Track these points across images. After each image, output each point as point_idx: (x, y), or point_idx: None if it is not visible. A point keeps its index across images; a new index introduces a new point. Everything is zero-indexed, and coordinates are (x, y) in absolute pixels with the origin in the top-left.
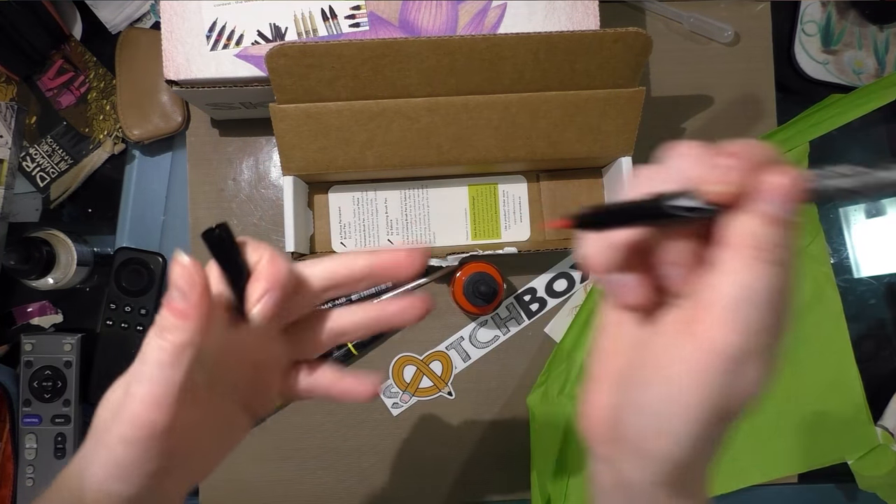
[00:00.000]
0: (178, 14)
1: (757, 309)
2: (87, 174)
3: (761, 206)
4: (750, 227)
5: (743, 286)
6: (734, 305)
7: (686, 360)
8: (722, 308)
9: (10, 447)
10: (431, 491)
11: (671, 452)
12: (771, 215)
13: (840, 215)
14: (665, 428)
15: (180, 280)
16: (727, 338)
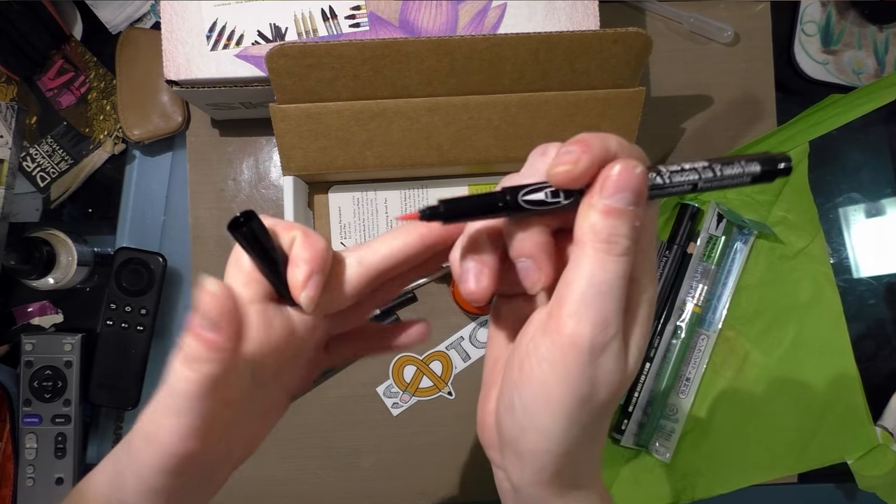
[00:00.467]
0: (179, 14)
1: (605, 299)
2: (87, 174)
3: (597, 198)
4: (590, 221)
5: (588, 279)
6: (582, 298)
7: (546, 356)
8: (571, 301)
9: (11, 447)
10: (431, 491)
11: (544, 449)
12: (607, 207)
13: (840, 215)
14: (534, 425)
15: (211, 309)
16: (579, 330)
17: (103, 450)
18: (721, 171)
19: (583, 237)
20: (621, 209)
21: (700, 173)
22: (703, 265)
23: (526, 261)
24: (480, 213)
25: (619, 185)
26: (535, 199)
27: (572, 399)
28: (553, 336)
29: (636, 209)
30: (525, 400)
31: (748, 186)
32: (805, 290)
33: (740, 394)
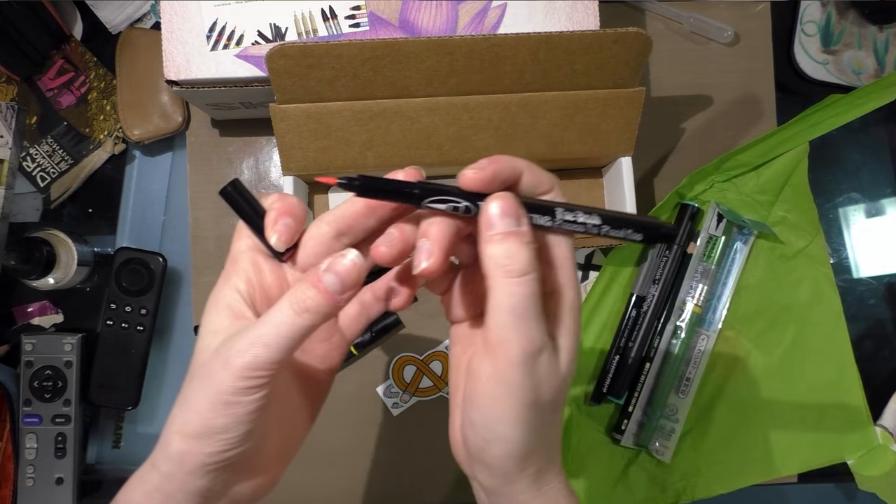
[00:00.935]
0: (179, 14)
1: (522, 318)
2: (87, 174)
3: (486, 231)
4: (486, 252)
5: (501, 304)
6: (503, 322)
7: (490, 375)
8: (495, 326)
9: (11, 447)
10: (431, 491)
11: (507, 454)
12: (494, 235)
13: (840, 215)
14: (495, 435)
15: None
16: (509, 349)
17: (103, 450)
18: (607, 232)
19: (486, 268)
20: (506, 233)
21: (587, 228)
22: (703, 265)
23: (425, 242)
24: (390, 195)
25: (501, 212)
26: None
27: (521, 407)
28: (491, 357)
29: (520, 230)
30: (482, 415)
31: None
32: (805, 290)
33: (740, 394)
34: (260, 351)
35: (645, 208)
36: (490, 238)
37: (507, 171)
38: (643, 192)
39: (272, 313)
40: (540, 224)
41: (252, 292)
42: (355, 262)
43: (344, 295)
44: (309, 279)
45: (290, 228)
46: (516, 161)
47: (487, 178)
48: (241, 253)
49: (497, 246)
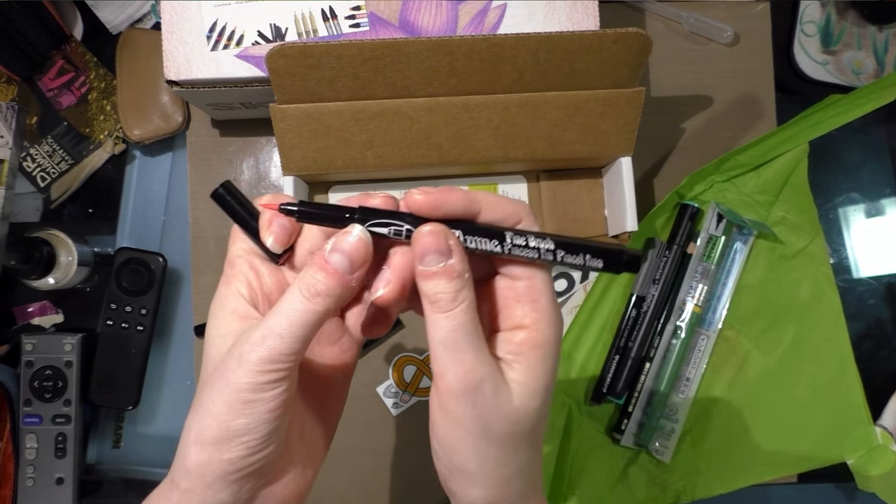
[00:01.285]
0: (179, 14)
1: (454, 350)
2: (87, 174)
3: (415, 260)
4: (418, 282)
5: (433, 336)
6: (437, 354)
7: (437, 405)
8: (433, 358)
9: (11, 447)
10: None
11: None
12: (421, 271)
13: (840, 215)
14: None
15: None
16: (447, 381)
17: (103, 450)
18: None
19: (423, 301)
20: (432, 271)
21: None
22: (703, 265)
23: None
24: (330, 220)
25: (425, 248)
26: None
27: (470, 438)
28: (435, 388)
29: (447, 267)
30: (440, 444)
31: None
32: (805, 290)
33: (740, 394)
34: (274, 342)
35: (645, 208)
36: (419, 272)
37: (455, 204)
38: (643, 192)
39: (283, 303)
40: (488, 250)
41: (254, 296)
42: (361, 237)
43: (354, 274)
44: (316, 262)
45: (285, 230)
46: (474, 195)
47: (429, 205)
48: (238, 257)
49: (425, 282)
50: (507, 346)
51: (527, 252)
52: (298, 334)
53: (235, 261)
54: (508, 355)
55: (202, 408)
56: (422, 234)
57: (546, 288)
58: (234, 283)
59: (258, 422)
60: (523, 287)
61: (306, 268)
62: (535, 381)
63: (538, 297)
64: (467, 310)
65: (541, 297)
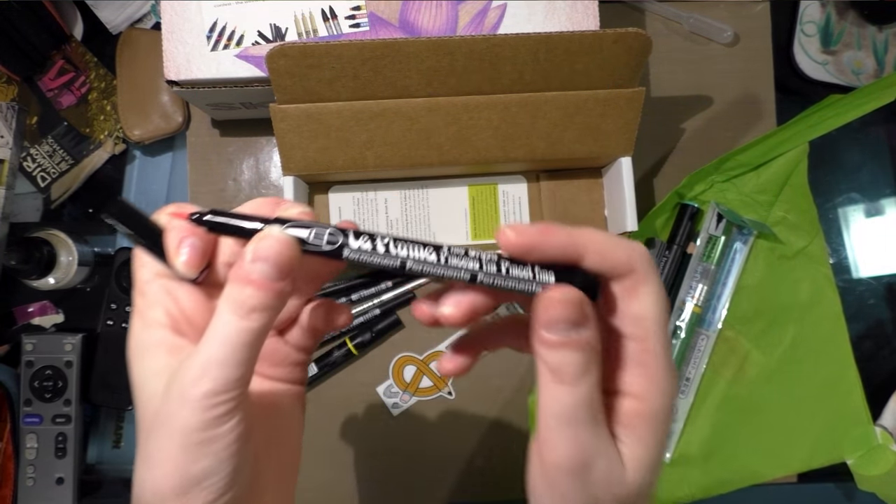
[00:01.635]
0: (179, 14)
1: (570, 425)
2: (87, 174)
3: (539, 328)
4: (536, 346)
5: (548, 408)
6: (549, 426)
7: (541, 478)
8: (543, 429)
9: (11, 447)
10: (431, 491)
11: None
12: (547, 339)
13: (839, 215)
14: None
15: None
16: (556, 456)
17: (104, 450)
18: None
19: (536, 363)
20: (560, 341)
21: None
22: (703, 265)
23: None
24: (245, 233)
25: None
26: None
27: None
28: (541, 461)
29: (579, 338)
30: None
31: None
32: (805, 290)
33: (740, 394)
34: (217, 372)
35: (645, 208)
36: (542, 338)
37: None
38: (643, 192)
39: (215, 326)
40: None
41: (176, 323)
42: (279, 238)
43: (284, 281)
44: (239, 275)
45: (197, 250)
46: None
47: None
48: (148, 283)
49: (550, 351)
50: (613, 414)
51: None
52: (241, 358)
53: (146, 288)
54: (617, 427)
55: (152, 459)
56: (552, 300)
57: (661, 349)
58: (149, 314)
59: (219, 461)
60: (634, 348)
61: (230, 283)
62: (646, 455)
63: (650, 360)
64: (593, 385)
65: (653, 362)
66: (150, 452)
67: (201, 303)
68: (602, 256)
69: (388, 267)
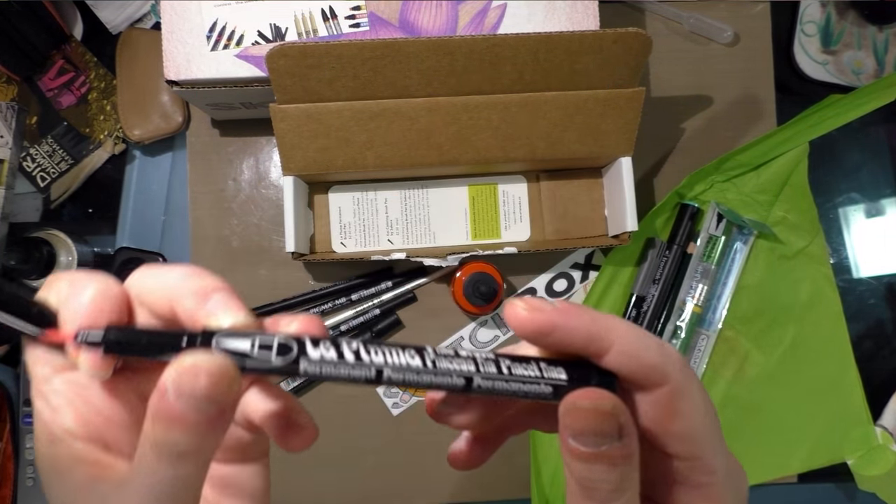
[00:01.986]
0: (179, 14)
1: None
2: (87, 174)
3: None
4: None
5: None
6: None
7: None
8: None
9: (11, 447)
10: (431, 491)
11: None
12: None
13: (840, 215)
14: None
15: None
16: None
17: None
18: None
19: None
20: (592, 453)
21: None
22: (703, 265)
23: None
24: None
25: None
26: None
27: None
28: None
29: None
30: None
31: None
32: (805, 290)
33: (740, 394)
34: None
35: (645, 208)
36: (571, 449)
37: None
38: (643, 192)
39: (139, 478)
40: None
41: (93, 430)
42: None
43: (224, 415)
44: (160, 414)
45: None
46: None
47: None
48: (47, 382)
49: (580, 464)
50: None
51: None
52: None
53: (45, 389)
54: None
55: None
56: (579, 409)
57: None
58: (57, 422)
59: None
60: (683, 468)
61: (152, 421)
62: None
63: (710, 479)
64: (632, 501)
65: (713, 479)
66: None
67: (118, 395)
68: (629, 357)
69: (359, 379)
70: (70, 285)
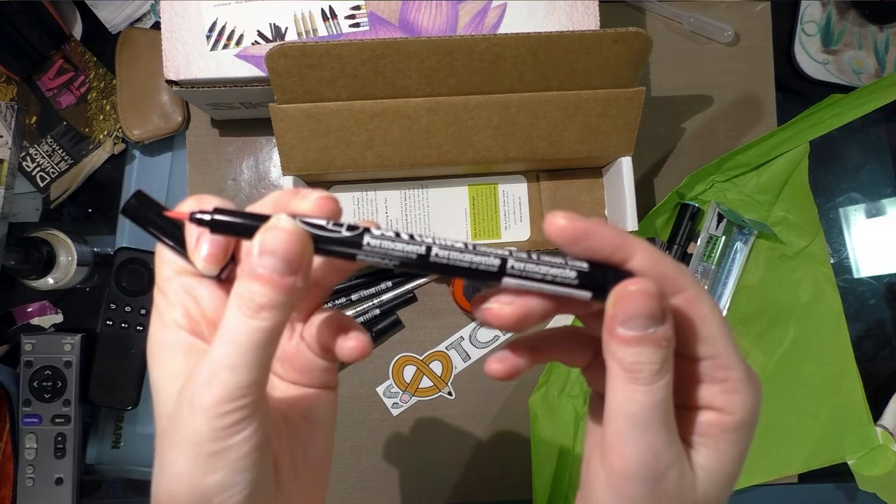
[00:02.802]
0: (179, 14)
1: (645, 431)
2: (87, 174)
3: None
4: (611, 346)
5: (621, 411)
6: (622, 432)
7: (605, 484)
8: (613, 434)
9: (10, 447)
10: (431, 491)
11: None
12: (623, 335)
13: (840, 215)
14: None
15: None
16: (626, 463)
17: (103, 450)
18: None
19: (607, 362)
20: (637, 336)
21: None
22: (704, 265)
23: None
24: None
25: (633, 311)
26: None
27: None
28: (606, 466)
29: (656, 334)
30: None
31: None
32: (805, 290)
33: None
34: (227, 377)
35: (645, 208)
36: (617, 335)
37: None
38: (643, 192)
39: (224, 327)
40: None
41: (195, 324)
42: (287, 228)
43: (296, 276)
44: (245, 270)
45: (217, 244)
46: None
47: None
48: (168, 281)
49: (625, 348)
50: (691, 425)
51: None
52: (252, 360)
53: (165, 286)
54: (693, 437)
55: (165, 469)
56: (630, 293)
57: (738, 362)
58: (167, 313)
59: (233, 473)
60: (706, 366)
61: (239, 279)
62: (722, 467)
63: (729, 374)
64: (668, 385)
65: (732, 374)
66: (164, 461)
67: (223, 302)
68: (649, 265)
69: (409, 256)
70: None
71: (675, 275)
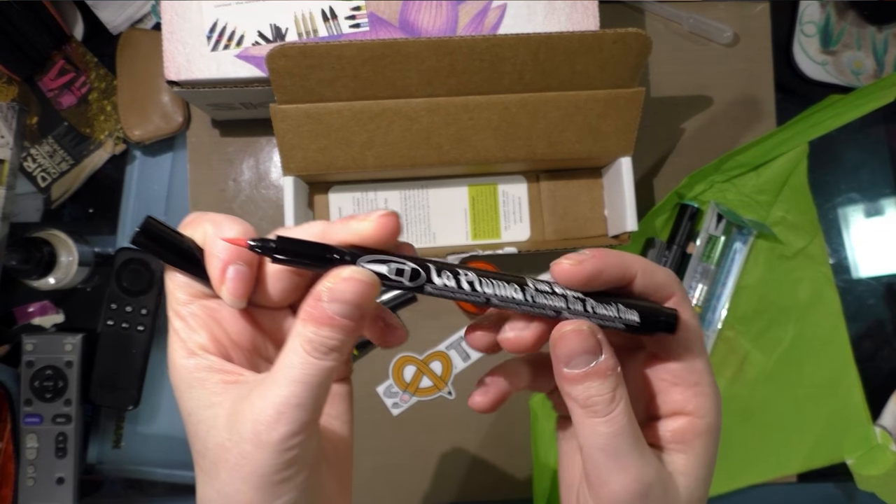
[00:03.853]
0: (179, 15)
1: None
2: (88, 174)
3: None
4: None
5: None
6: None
7: None
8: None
9: (12, 447)
10: (432, 491)
11: None
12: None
13: (839, 215)
14: None
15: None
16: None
17: (104, 450)
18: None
19: (566, 402)
20: (582, 373)
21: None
22: (703, 265)
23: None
24: (313, 264)
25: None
26: (377, 271)
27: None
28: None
29: (598, 367)
30: None
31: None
32: (804, 290)
33: (740, 394)
34: (294, 415)
35: (645, 208)
36: (565, 376)
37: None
38: (643, 192)
39: (289, 367)
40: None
41: (223, 349)
42: (362, 279)
43: (363, 320)
44: (316, 317)
45: (244, 278)
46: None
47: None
48: (185, 305)
49: (575, 386)
50: (666, 433)
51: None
52: (317, 397)
53: (183, 311)
54: (669, 444)
55: (229, 498)
56: (563, 335)
57: (707, 368)
58: (191, 338)
59: (298, 493)
60: (681, 369)
61: (305, 322)
62: (699, 470)
63: (699, 380)
64: (626, 409)
65: (702, 380)
66: (225, 491)
67: (246, 324)
68: (648, 279)
69: (472, 302)
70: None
71: (667, 282)
